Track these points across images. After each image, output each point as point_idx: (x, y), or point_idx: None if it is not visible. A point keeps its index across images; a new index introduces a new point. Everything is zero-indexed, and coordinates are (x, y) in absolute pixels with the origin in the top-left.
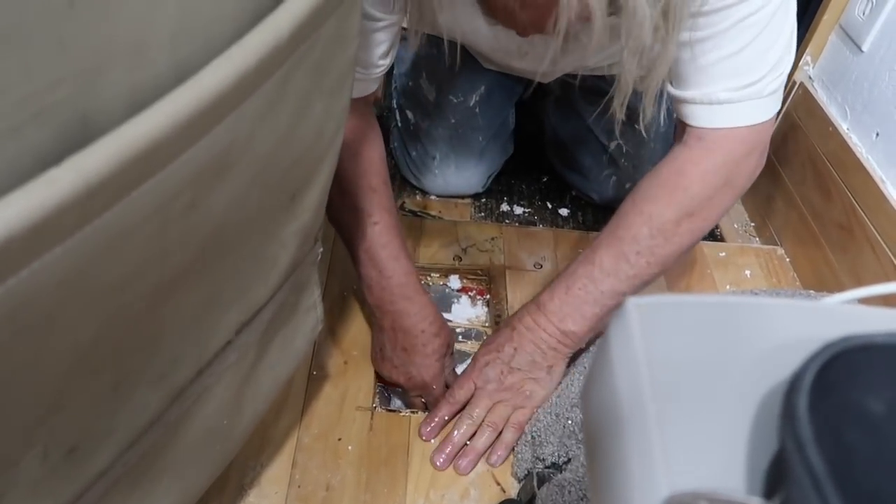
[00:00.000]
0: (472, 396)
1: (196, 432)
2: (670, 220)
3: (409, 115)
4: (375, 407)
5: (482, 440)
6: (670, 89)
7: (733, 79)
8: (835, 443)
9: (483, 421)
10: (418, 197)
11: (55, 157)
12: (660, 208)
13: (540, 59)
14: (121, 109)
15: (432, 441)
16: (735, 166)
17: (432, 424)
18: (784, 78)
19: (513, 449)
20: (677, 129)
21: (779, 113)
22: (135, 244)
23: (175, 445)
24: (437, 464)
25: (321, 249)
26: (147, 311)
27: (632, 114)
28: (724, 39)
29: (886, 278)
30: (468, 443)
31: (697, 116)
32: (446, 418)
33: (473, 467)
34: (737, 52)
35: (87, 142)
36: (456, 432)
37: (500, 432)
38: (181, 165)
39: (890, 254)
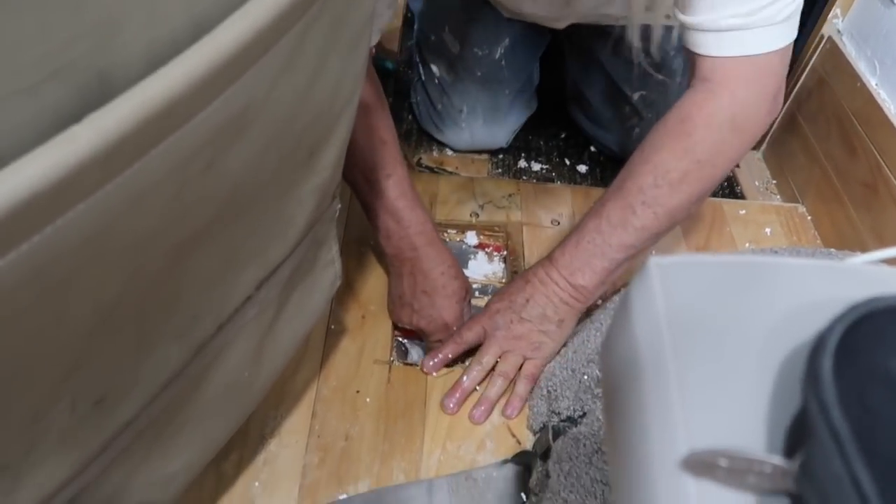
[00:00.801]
0: (481, 343)
1: (217, 385)
2: (676, 168)
3: (434, 69)
4: (393, 361)
5: (494, 389)
6: (679, 15)
7: (744, 3)
8: (859, 405)
9: (494, 370)
10: (435, 153)
11: (74, 115)
12: (665, 157)
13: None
14: (138, 67)
15: (434, 374)
16: (742, 108)
17: (436, 360)
18: (801, 2)
19: (527, 401)
20: (688, 71)
21: (803, 63)
22: (155, 203)
23: (197, 398)
24: (448, 408)
25: (339, 206)
26: (167, 269)
27: (654, 63)
28: None
29: None
30: (477, 389)
31: (704, 44)
32: (450, 356)
33: (487, 416)
34: None
35: (106, 100)
36: (466, 378)
37: (514, 385)
38: (200, 123)
39: None
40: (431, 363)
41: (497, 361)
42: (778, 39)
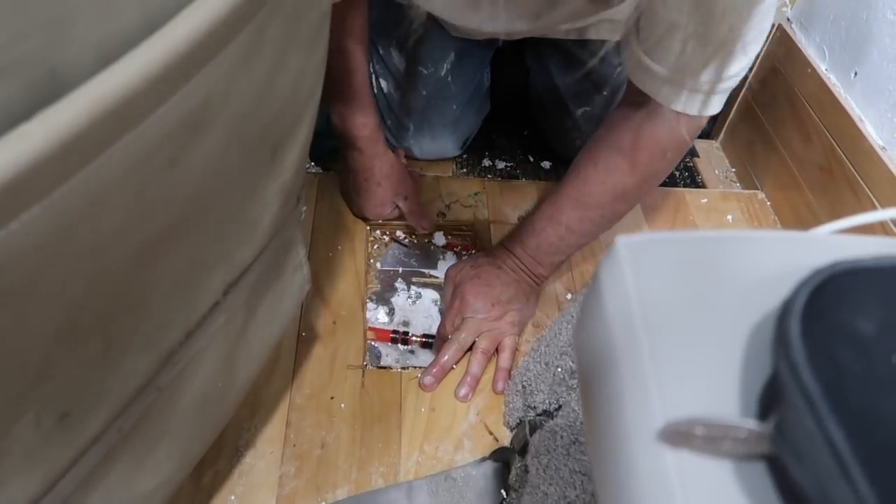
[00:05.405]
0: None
1: (191, 396)
2: (630, 186)
3: (383, 84)
4: (366, 365)
5: (477, 366)
6: (651, 65)
7: (714, 73)
8: (827, 364)
9: (472, 347)
10: None
11: (25, 113)
12: (623, 178)
13: (495, 17)
14: (90, 63)
15: (435, 388)
16: (686, 145)
17: (434, 370)
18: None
19: (510, 373)
20: (629, 95)
21: (757, 57)
22: (115, 204)
23: (171, 410)
24: (425, 384)
25: (304, 208)
26: (131, 274)
27: (600, 80)
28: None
29: None
30: (454, 368)
31: (675, 100)
32: (447, 357)
33: (473, 392)
34: (722, 46)
35: (57, 97)
36: (445, 356)
37: (496, 359)
38: (157, 120)
39: (868, 191)
40: (430, 379)
41: (475, 340)
42: (721, 104)
